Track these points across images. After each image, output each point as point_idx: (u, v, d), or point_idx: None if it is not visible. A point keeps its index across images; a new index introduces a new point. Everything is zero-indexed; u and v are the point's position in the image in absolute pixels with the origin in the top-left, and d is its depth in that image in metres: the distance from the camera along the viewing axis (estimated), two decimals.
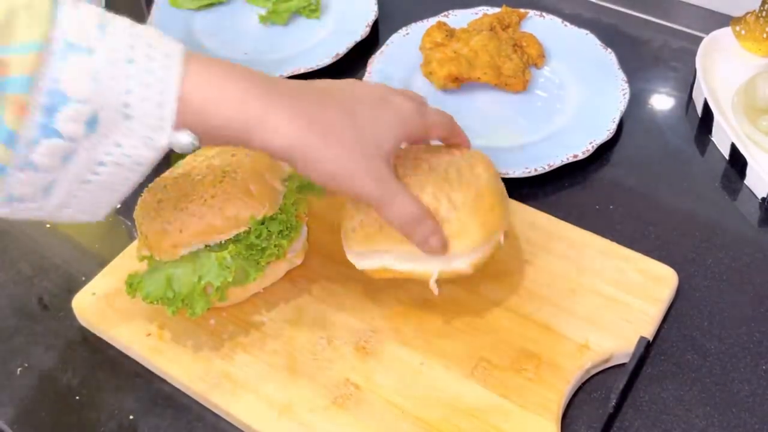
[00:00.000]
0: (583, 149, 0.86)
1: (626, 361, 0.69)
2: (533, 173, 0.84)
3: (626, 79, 0.92)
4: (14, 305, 0.79)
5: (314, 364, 0.70)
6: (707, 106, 0.89)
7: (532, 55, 0.96)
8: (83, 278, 0.79)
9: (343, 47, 1.00)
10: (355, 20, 1.04)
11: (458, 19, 1.02)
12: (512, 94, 0.95)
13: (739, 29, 0.94)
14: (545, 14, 1.02)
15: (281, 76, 0.97)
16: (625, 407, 0.68)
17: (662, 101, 0.95)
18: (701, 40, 0.94)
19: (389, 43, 1.00)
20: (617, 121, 0.88)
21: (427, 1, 1.07)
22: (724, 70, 0.93)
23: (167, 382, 0.71)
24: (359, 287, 0.74)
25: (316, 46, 1.03)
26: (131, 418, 0.69)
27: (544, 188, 0.85)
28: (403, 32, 1.02)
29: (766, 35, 0.92)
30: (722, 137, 0.87)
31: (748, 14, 0.93)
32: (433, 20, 1.01)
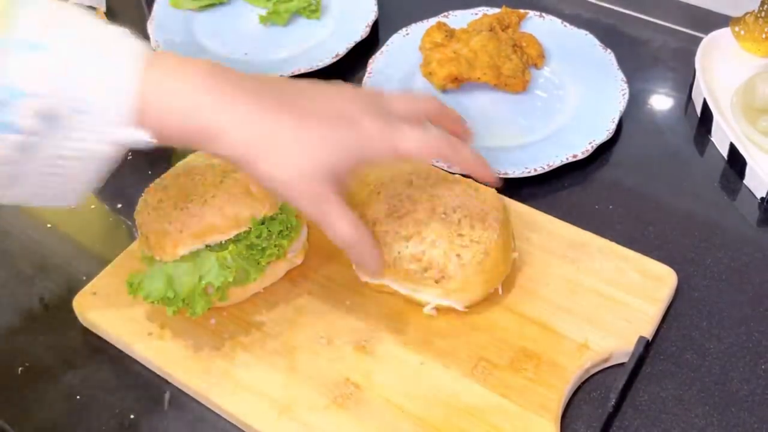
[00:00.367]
0: (582, 149, 0.86)
1: (625, 360, 0.69)
2: (533, 173, 0.84)
3: (625, 79, 0.93)
4: (15, 305, 0.79)
5: (314, 363, 0.70)
6: (706, 106, 0.89)
7: (531, 55, 0.97)
8: (84, 278, 0.79)
9: (343, 47, 1.00)
10: (355, 20, 1.04)
11: (458, 19, 1.02)
12: (512, 94, 0.95)
13: (738, 29, 0.94)
14: (545, 15, 1.02)
15: (281, 76, 0.97)
16: (624, 407, 0.68)
17: (661, 101, 0.95)
18: (700, 40, 0.94)
19: (389, 43, 1.00)
20: (617, 121, 0.88)
21: (427, 1, 1.07)
22: (723, 70, 0.93)
23: (168, 381, 0.72)
24: (359, 287, 0.74)
25: (316, 46, 1.03)
26: (132, 417, 0.70)
27: (544, 188, 0.85)
28: (403, 32, 1.02)
29: (765, 36, 0.92)
30: (721, 137, 0.87)
31: (747, 15, 0.93)
32: (433, 20, 1.01)
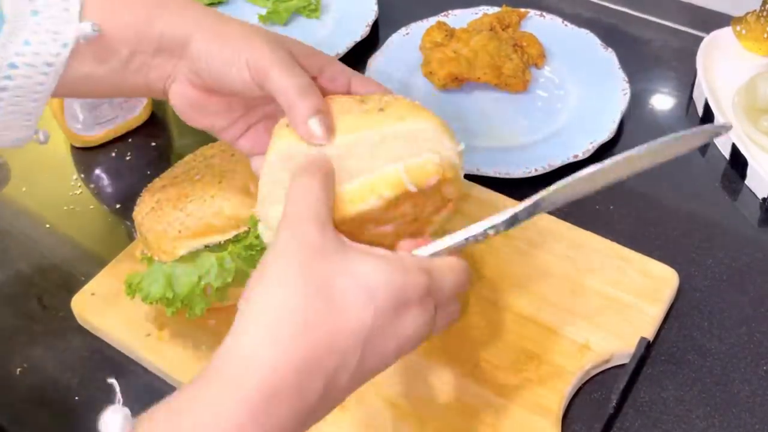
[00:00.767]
0: (583, 149, 0.86)
1: (626, 361, 0.69)
2: (533, 173, 0.84)
3: (627, 78, 0.92)
4: (14, 305, 0.79)
5: None
6: (708, 106, 0.89)
7: (532, 55, 0.96)
8: (83, 278, 0.79)
9: (343, 47, 1.00)
10: (355, 20, 1.04)
11: (458, 19, 1.02)
12: (512, 94, 0.95)
13: (739, 29, 0.94)
14: (545, 14, 1.02)
15: None
16: (625, 407, 0.68)
17: (663, 101, 0.95)
18: (702, 40, 0.94)
19: (389, 43, 1.00)
20: (618, 121, 0.88)
21: (427, 1, 1.07)
22: (724, 70, 0.93)
23: (167, 381, 0.71)
24: None
25: (316, 46, 1.01)
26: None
27: (543, 188, 0.85)
28: (403, 32, 1.02)
29: (766, 35, 0.92)
30: (723, 137, 0.87)
31: (748, 14, 0.93)
32: (433, 20, 1.01)
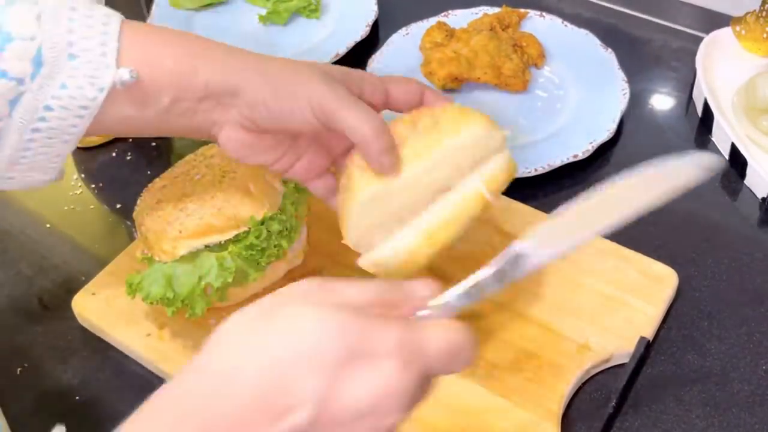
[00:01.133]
0: (583, 149, 0.86)
1: (626, 361, 0.69)
2: (533, 173, 0.84)
3: (626, 79, 0.92)
4: (14, 305, 0.79)
5: None
6: (707, 106, 0.89)
7: (532, 55, 0.96)
8: (83, 278, 0.79)
9: (343, 47, 1.00)
10: (355, 20, 1.04)
11: (458, 19, 1.02)
12: (512, 94, 0.95)
13: (739, 29, 0.94)
14: (545, 14, 1.02)
15: None
16: (625, 407, 0.68)
17: (662, 101, 0.95)
18: (701, 40, 0.94)
19: (389, 43, 1.00)
20: (617, 121, 0.88)
21: (427, 1, 1.07)
22: (724, 70, 0.93)
23: (168, 381, 0.71)
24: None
25: (316, 46, 1.03)
26: None
27: (544, 188, 0.85)
28: (403, 32, 1.02)
29: (766, 35, 0.92)
30: (722, 137, 0.87)
31: (748, 14, 0.93)
32: (433, 20, 1.01)
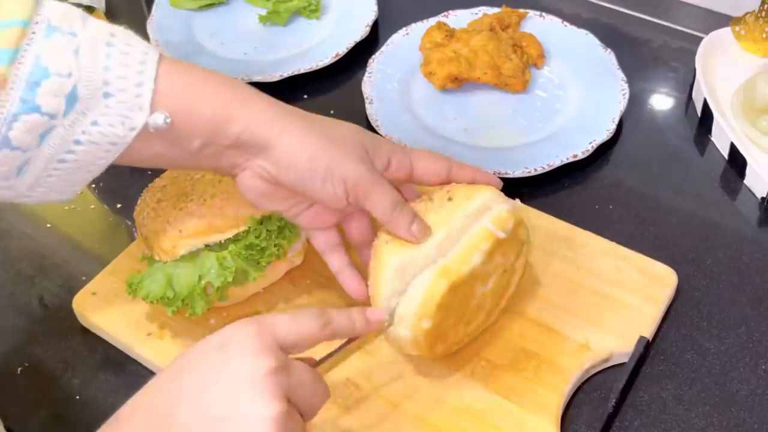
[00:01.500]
0: (582, 149, 0.86)
1: (626, 360, 0.69)
2: (533, 173, 0.84)
3: (626, 79, 0.92)
4: (14, 305, 0.79)
5: None
6: (707, 106, 0.89)
7: (531, 55, 0.96)
8: (83, 278, 0.79)
9: (343, 47, 1.00)
10: (355, 20, 1.04)
11: (458, 19, 1.02)
12: (512, 94, 0.95)
13: (738, 29, 0.94)
14: (545, 14, 1.02)
15: (281, 76, 0.97)
16: (624, 407, 0.68)
17: (662, 101, 0.95)
18: (701, 40, 0.94)
19: (389, 43, 1.00)
20: (617, 121, 0.88)
21: (427, 1, 1.07)
22: (723, 70, 0.93)
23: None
24: None
25: (316, 46, 1.03)
26: None
27: (544, 188, 0.85)
28: (403, 32, 1.02)
29: (765, 35, 0.92)
30: (722, 137, 0.87)
31: (747, 14, 0.93)
32: (433, 20, 1.01)
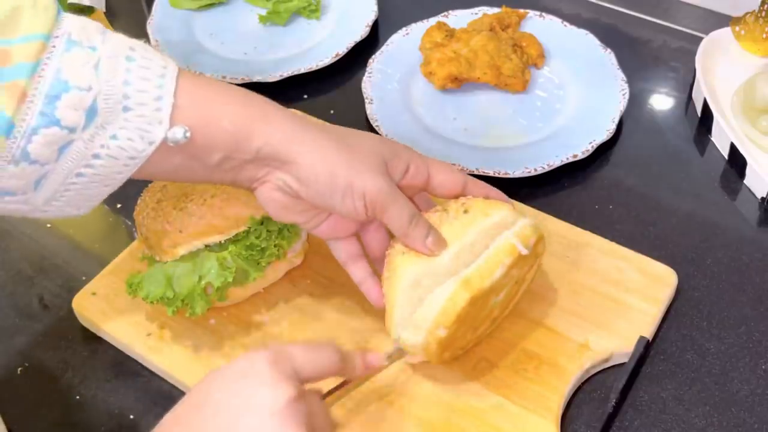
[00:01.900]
0: (582, 149, 0.86)
1: (626, 360, 0.69)
2: (533, 173, 0.84)
3: (626, 79, 0.92)
4: (15, 305, 0.79)
5: None
6: (707, 106, 0.89)
7: (531, 55, 0.96)
8: (83, 278, 0.79)
9: (343, 47, 1.00)
10: (355, 20, 1.04)
11: (458, 19, 1.02)
12: (512, 94, 0.95)
13: (738, 29, 0.94)
14: (545, 14, 1.02)
15: (281, 76, 0.97)
16: (624, 407, 0.68)
17: (662, 101, 0.95)
18: (701, 40, 0.94)
19: (389, 43, 1.00)
20: (617, 121, 0.88)
21: (427, 1, 1.07)
22: (723, 70, 0.93)
23: (168, 381, 0.71)
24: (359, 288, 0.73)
25: (316, 46, 1.03)
26: (131, 417, 0.69)
27: (544, 188, 0.85)
28: (403, 32, 1.02)
29: (765, 35, 0.92)
30: (722, 137, 0.87)
31: (747, 14, 0.93)
32: (433, 20, 1.01)
